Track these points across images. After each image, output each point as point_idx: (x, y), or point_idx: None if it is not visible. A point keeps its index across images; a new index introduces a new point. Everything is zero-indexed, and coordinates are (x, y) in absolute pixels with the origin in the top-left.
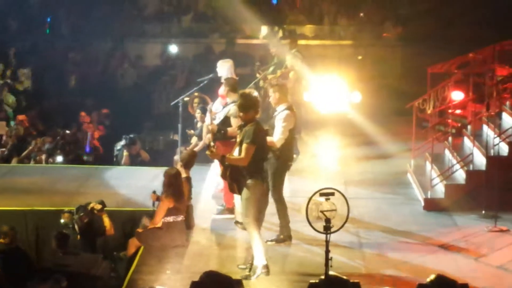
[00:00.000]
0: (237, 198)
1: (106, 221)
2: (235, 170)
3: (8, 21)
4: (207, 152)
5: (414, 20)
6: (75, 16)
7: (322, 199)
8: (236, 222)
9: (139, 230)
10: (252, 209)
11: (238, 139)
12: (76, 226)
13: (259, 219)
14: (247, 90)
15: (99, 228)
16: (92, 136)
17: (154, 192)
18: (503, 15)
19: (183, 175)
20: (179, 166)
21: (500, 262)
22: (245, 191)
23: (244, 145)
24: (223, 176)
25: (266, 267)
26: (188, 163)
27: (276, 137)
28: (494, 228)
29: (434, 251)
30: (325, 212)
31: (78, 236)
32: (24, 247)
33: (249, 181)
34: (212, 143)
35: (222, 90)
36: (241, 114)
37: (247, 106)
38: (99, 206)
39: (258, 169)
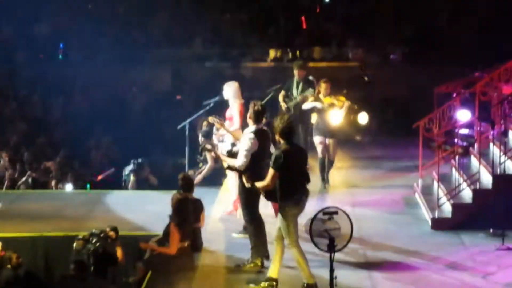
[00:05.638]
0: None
1: (119, 250)
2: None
3: (17, 50)
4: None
5: (419, 40)
6: (85, 43)
7: (326, 218)
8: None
9: (147, 251)
10: (291, 231)
11: None
12: (90, 254)
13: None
14: (283, 115)
15: (112, 257)
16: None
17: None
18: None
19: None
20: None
21: (508, 280)
22: (280, 217)
23: (270, 170)
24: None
25: (314, 286)
26: (187, 187)
27: (239, 162)
28: (502, 247)
29: (441, 270)
30: (328, 231)
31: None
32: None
33: (281, 206)
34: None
35: (229, 112)
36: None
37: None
38: (113, 234)
39: (289, 193)
